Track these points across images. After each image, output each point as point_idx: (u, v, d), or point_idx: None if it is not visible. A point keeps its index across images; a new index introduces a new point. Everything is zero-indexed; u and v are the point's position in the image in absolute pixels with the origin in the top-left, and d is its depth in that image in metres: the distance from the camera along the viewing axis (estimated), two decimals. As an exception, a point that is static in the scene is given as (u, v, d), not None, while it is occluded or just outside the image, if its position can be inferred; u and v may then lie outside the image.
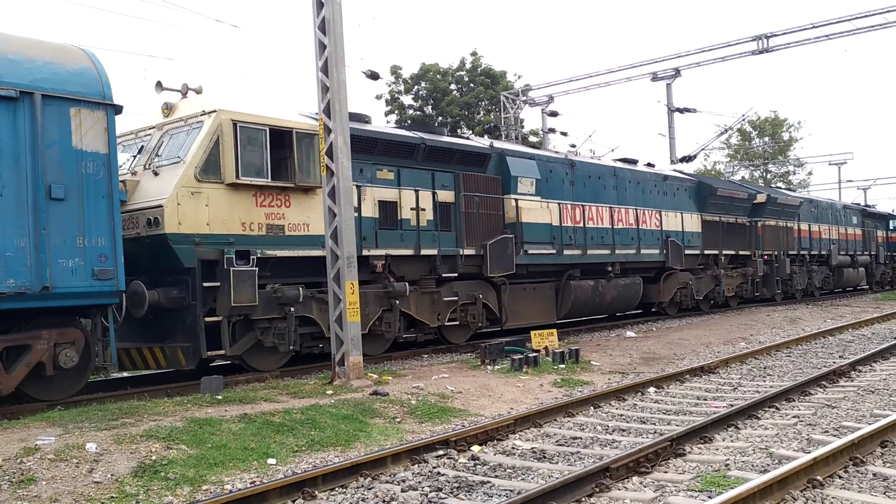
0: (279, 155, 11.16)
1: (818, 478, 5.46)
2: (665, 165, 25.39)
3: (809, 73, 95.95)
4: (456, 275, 13.95)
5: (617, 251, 17.98)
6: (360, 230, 11.96)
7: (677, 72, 29.02)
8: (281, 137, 11.14)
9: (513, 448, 7.10)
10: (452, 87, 37.17)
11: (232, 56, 66.65)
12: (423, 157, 13.87)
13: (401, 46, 70.27)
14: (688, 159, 29.29)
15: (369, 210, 12.60)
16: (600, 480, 5.65)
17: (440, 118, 35.99)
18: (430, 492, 5.74)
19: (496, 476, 6.18)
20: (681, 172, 23.61)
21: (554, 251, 16.14)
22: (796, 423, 7.65)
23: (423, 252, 13.41)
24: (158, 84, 11.21)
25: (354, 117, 12.46)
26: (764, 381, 10.61)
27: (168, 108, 11.33)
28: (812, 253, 28.55)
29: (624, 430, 7.74)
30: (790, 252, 26.44)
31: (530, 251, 15.40)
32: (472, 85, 36.91)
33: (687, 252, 20.50)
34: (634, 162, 20.76)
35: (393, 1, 72.84)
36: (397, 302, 12.79)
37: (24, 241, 8.18)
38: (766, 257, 24.84)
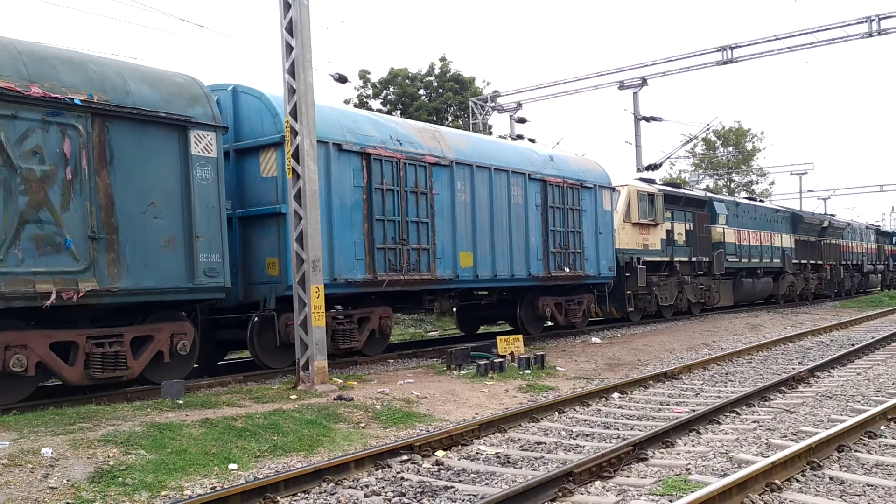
0: (645, 205, 20.75)
1: (776, 481, 5.54)
2: (632, 173, 26.05)
3: (772, 85, 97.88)
4: (702, 273, 23.46)
5: (763, 260, 28.08)
6: (666, 246, 21.61)
7: (644, 81, 29.41)
8: (647, 198, 20.74)
9: (477, 453, 7.10)
10: (421, 92, 37.17)
11: (197, 56, 65.98)
12: (682, 203, 23.20)
13: (369, 50, 70.15)
14: (653, 167, 29.64)
15: (666, 235, 21.69)
16: (563, 485, 5.67)
17: (409, 123, 35.92)
18: (394, 497, 5.71)
19: (460, 481, 6.17)
20: (781, 207, 34.05)
21: (737, 259, 25.89)
22: (756, 427, 7.77)
23: (692, 259, 23.01)
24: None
25: (645, 180, 22.66)
26: (725, 386, 10.75)
27: None
28: (852, 263, 38.29)
29: (588, 435, 7.79)
30: (842, 262, 36.13)
31: (729, 259, 25.00)
32: (440, 90, 36.93)
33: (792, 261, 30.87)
34: (754, 199, 32.82)
35: (362, 4, 72.75)
36: (685, 287, 22.50)
37: (595, 252, 17.76)
38: (829, 266, 34.33)
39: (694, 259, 23.04)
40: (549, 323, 17.85)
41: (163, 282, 9.56)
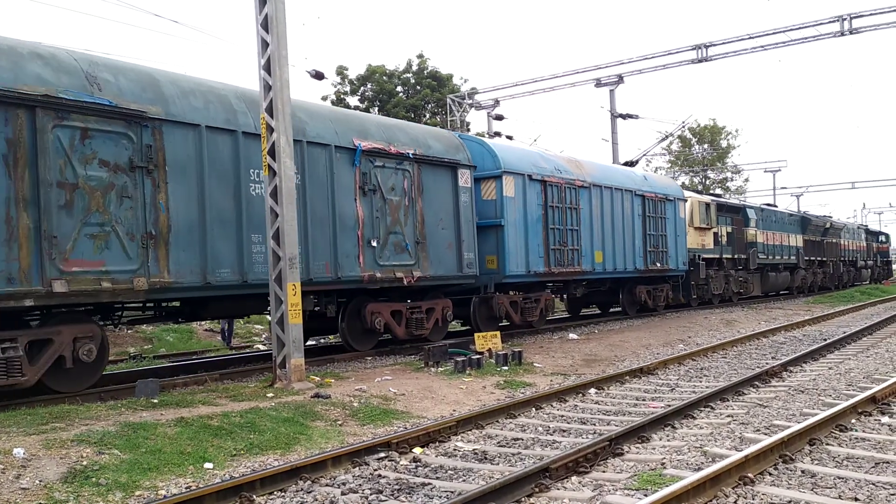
0: (703, 213, 24.91)
1: (749, 475, 5.61)
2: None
3: (746, 83, 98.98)
4: (740, 268, 27.99)
5: (783, 257, 32.48)
6: (715, 245, 25.79)
7: (620, 78, 29.56)
8: (705, 207, 24.85)
9: (454, 450, 7.11)
10: (399, 89, 37.09)
11: (172, 52, 65.34)
12: (724, 211, 27.15)
13: (346, 47, 69.86)
14: (630, 164, 29.82)
15: (714, 237, 25.74)
16: (540, 480, 5.70)
17: (386, 120, 35.82)
18: (371, 494, 5.70)
19: (437, 478, 6.18)
20: (793, 211, 39.28)
21: (765, 257, 30.20)
22: (730, 422, 7.86)
23: (734, 256, 27.40)
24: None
25: (698, 191, 28.57)
26: (700, 381, 10.86)
27: None
28: (848, 259, 43.07)
29: (564, 431, 7.83)
30: (840, 259, 41.09)
31: (759, 256, 29.40)
32: (418, 87, 36.90)
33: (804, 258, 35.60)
34: (772, 206, 36.62)
35: (338, 1, 72.40)
36: (731, 279, 26.99)
37: (674, 251, 22.12)
38: (831, 262, 39.11)
39: (735, 256, 27.59)
40: (640, 306, 22.09)
41: (447, 272, 14.20)
